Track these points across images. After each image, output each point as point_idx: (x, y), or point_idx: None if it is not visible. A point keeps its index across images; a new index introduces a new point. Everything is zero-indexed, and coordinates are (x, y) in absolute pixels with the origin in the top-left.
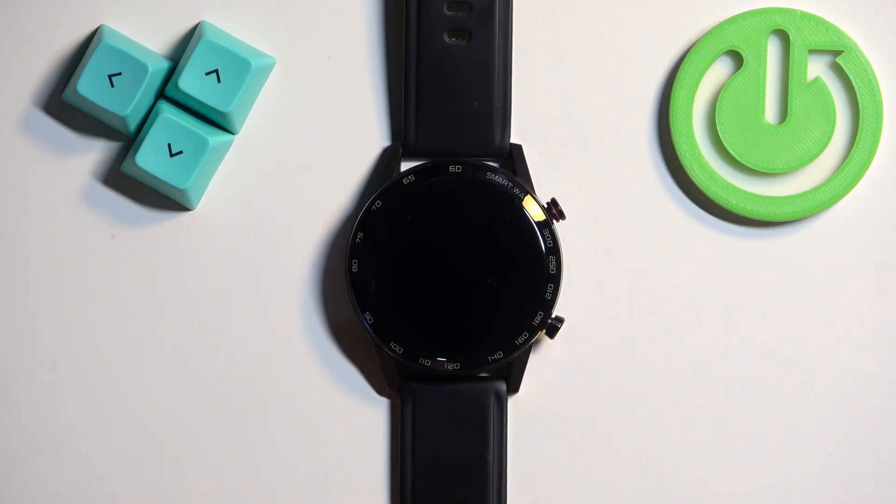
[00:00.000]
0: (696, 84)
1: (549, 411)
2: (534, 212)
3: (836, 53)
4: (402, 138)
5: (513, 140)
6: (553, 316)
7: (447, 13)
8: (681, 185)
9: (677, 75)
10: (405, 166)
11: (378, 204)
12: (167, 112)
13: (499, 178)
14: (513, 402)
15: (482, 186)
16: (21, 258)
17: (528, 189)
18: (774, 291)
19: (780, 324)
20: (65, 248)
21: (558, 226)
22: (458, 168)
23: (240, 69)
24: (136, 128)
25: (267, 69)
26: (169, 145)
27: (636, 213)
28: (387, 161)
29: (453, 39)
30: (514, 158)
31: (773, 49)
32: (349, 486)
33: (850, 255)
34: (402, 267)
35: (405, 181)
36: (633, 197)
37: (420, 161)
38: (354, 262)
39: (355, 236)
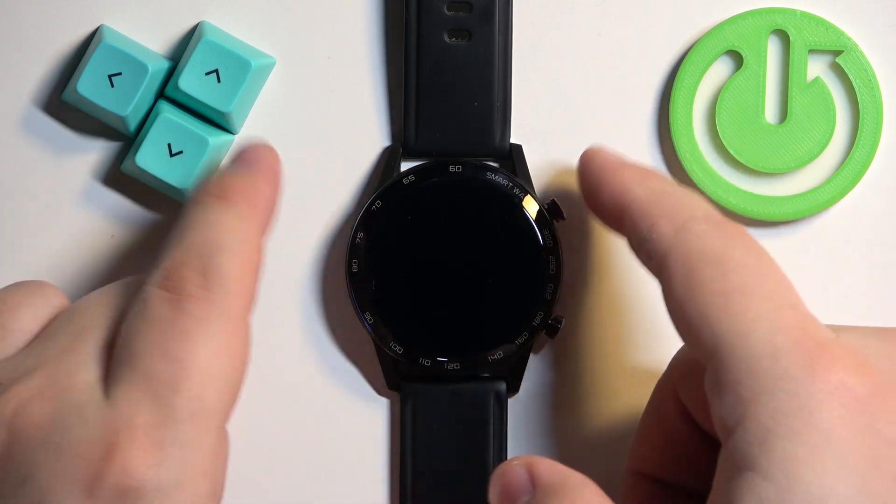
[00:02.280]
0: (696, 84)
1: (549, 411)
2: (534, 212)
3: (836, 53)
4: (402, 138)
5: (513, 140)
6: (553, 316)
7: (447, 13)
8: (681, 184)
9: (677, 75)
10: (405, 166)
11: (378, 204)
12: (167, 112)
13: (499, 178)
14: (513, 402)
15: (482, 186)
16: (21, 258)
17: (528, 189)
18: None
19: None
20: (65, 248)
21: (558, 226)
22: (458, 168)
23: (240, 69)
24: (136, 128)
25: (267, 69)
26: (169, 145)
27: None
28: (387, 161)
29: (453, 39)
30: (514, 158)
31: (773, 49)
32: (349, 486)
33: (850, 255)
34: (402, 267)
35: (405, 181)
36: None
37: (420, 161)
38: (354, 262)
39: (355, 236)
